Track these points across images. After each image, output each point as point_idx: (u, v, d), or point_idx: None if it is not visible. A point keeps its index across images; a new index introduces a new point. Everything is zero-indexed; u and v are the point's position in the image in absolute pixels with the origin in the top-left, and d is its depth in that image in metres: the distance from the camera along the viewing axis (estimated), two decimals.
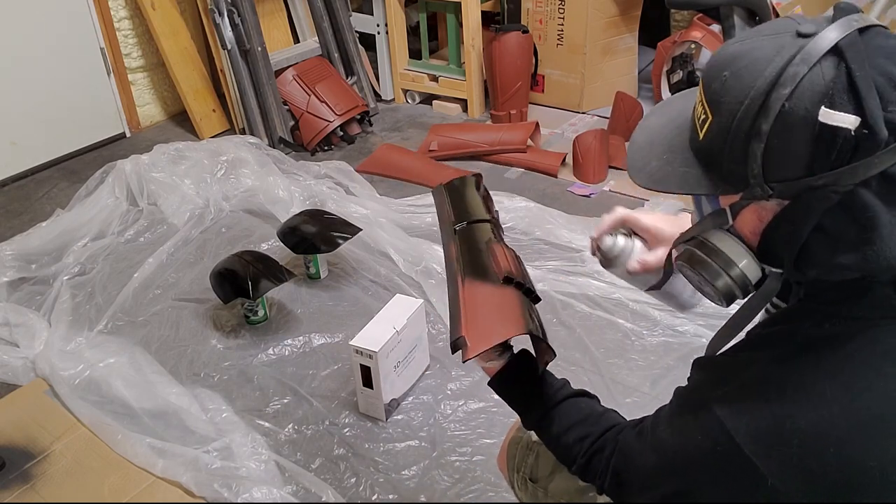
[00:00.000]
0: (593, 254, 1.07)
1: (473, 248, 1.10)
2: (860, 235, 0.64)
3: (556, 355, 0.98)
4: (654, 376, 1.89)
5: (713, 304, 0.79)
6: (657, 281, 0.95)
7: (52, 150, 3.24)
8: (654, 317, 2.10)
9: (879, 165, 0.62)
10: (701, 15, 3.01)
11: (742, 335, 0.80)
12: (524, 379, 1.00)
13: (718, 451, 0.71)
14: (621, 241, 1.02)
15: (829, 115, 0.61)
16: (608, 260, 1.04)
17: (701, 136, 0.71)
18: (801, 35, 0.64)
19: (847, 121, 0.61)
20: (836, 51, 0.62)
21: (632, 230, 1.04)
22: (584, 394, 1.00)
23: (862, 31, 0.63)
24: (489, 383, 1.03)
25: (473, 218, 1.18)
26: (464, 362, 1.01)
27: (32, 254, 2.49)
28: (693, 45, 3.25)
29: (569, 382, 1.01)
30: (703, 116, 0.70)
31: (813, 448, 0.66)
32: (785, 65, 0.63)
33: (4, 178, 3.10)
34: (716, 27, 2.95)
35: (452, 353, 0.96)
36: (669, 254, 0.82)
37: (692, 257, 0.76)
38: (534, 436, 1.17)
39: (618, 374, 1.92)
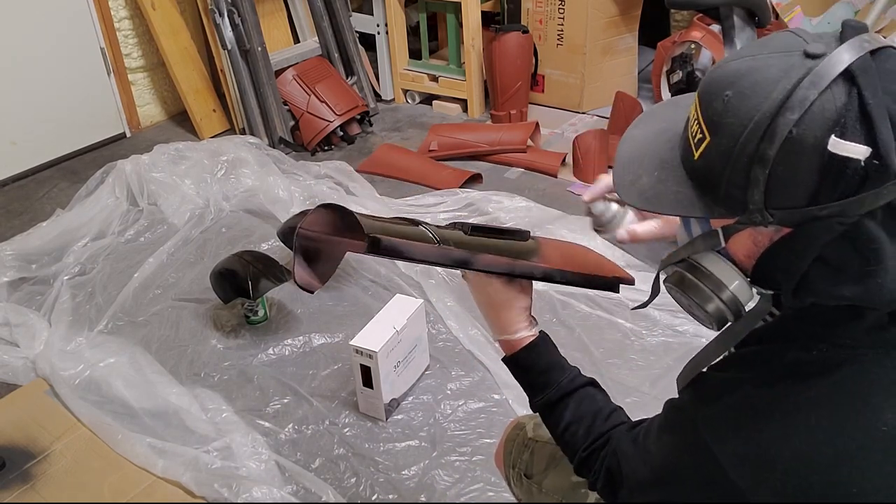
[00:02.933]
0: (587, 215, 1.05)
1: (473, 244, 1.01)
2: (863, 267, 0.62)
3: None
4: (654, 376, 1.89)
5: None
6: (645, 301, 0.93)
7: (52, 150, 3.24)
8: (654, 317, 2.10)
9: (887, 196, 0.60)
10: (701, 15, 3.01)
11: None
12: (541, 361, 0.99)
13: (703, 473, 0.71)
14: (613, 207, 1.01)
15: (839, 146, 0.59)
16: (600, 224, 1.03)
17: (696, 155, 0.68)
18: (809, 55, 0.61)
19: (858, 151, 0.58)
20: (847, 75, 0.59)
21: None
22: (595, 384, 0.99)
23: (873, 52, 0.60)
24: (505, 360, 1.01)
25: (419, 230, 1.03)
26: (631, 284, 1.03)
27: (32, 254, 2.49)
28: (693, 45, 3.25)
29: (581, 371, 1.00)
30: (699, 136, 0.67)
31: (797, 476, 0.65)
32: (793, 88, 0.60)
33: (4, 178, 3.11)
34: (716, 27, 2.94)
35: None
36: (657, 276, 0.81)
37: (682, 281, 0.74)
38: (529, 433, 1.18)
39: (617, 374, 1.92)
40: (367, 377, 1.78)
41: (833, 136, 0.59)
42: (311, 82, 3.29)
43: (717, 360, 0.78)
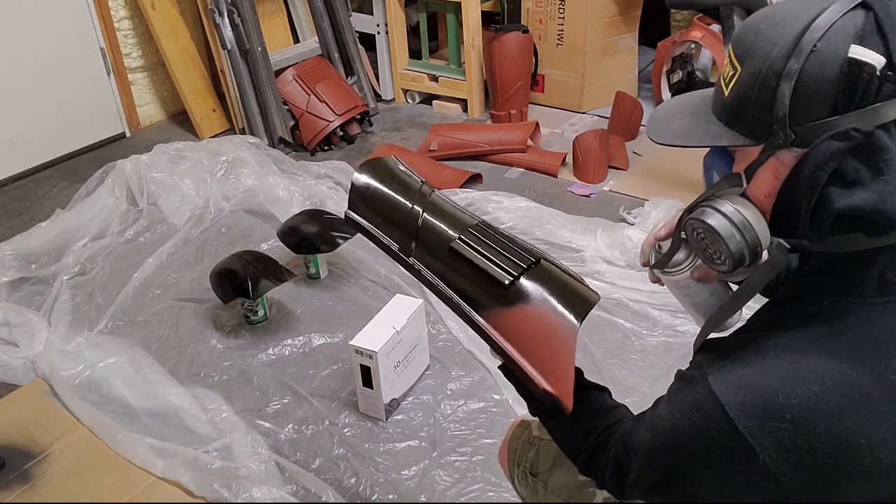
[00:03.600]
0: (647, 261, 0.98)
1: (449, 263, 0.97)
2: (876, 176, 0.66)
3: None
4: (654, 376, 1.89)
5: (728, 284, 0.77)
6: (665, 254, 0.91)
7: (52, 150, 3.24)
8: (654, 317, 2.10)
9: None
10: (701, 15, 3.02)
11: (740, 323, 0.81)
12: None
13: (712, 427, 0.72)
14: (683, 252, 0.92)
15: (858, 51, 0.65)
16: (670, 266, 0.93)
17: (727, 91, 0.74)
18: None
19: (875, 58, 0.64)
20: (864, 5, 0.66)
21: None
22: (596, 387, 1.00)
23: None
24: (500, 367, 1.00)
25: (412, 223, 1.00)
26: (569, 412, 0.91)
27: (32, 254, 2.49)
28: (693, 45, 3.25)
29: (582, 373, 0.99)
30: (730, 73, 0.73)
31: (804, 424, 0.67)
32: (817, 14, 0.67)
33: (4, 178, 3.10)
34: (716, 27, 2.95)
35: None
36: (679, 220, 0.81)
37: (704, 215, 0.75)
38: (535, 431, 1.18)
39: (618, 374, 1.92)
40: (367, 377, 1.78)
41: (853, 45, 0.65)
42: (311, 82, 3.29)
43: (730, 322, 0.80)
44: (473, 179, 2.93)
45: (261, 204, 2.75)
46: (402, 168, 1.07)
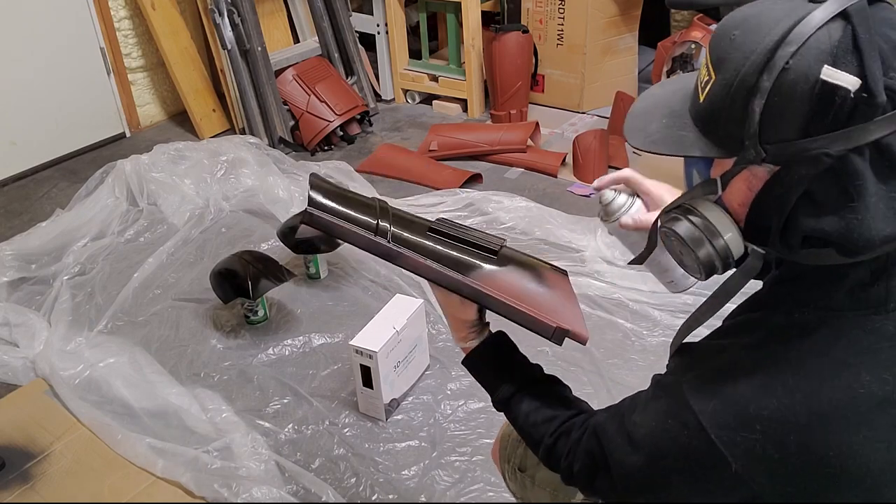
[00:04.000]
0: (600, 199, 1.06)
1: (431, 243, 1.01)
2: (846, 203, 0.64)
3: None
4: None
5: (696, 281, 0.78)
6: (643, 251, 0.94)
7: (52, 150, 3.24)
8: (654, 317, 2.10)
9: (875, 132, 0.62)
10: (701, 15, 3.02)
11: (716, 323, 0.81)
12: (499, 358, 1.02)
13: (685, 436, 0.72)
14: (622, 196, 1.04)
15: (830, 73, 0.62)
16: (606, 213, 1.04)
17: (702, 97, 0.71)
18: (812, 1, 0.66)
19: (848, 81, 0.61)
20: (844, 15, 0.63)
21: (635, 191, 1.06)
22: (556, 381, 1.01)
23: (870, 2, 0.65)
24: (463, 362, 1.05)
25: (382, 214, 1.04)
26: (585, 344, 0.96)
27: (32, 254, 2.49)
28: (693, 45, 3.24)
29: (542, 368, 1.02)
30: (706, 78, 0.71)
31: (774, 435, 0.67)
32: (793, 25, 0.64)
33: (4, 178, 3.10)
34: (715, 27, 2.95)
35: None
36: (655, 223, 0.81)
37: (677, 223, 0.75)
38: None
39: (618, 374, 1.92)
40: (367, 377, 1.78)
41: (826, 66, 0.62)
42: (311, 82, 3.29)
43: (704, 327, 0.81)
44: (473, 179, 2.93)
45: (261, 204, 2.75)
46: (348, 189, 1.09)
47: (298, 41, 3.59)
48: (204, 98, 3.47)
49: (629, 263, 1.00)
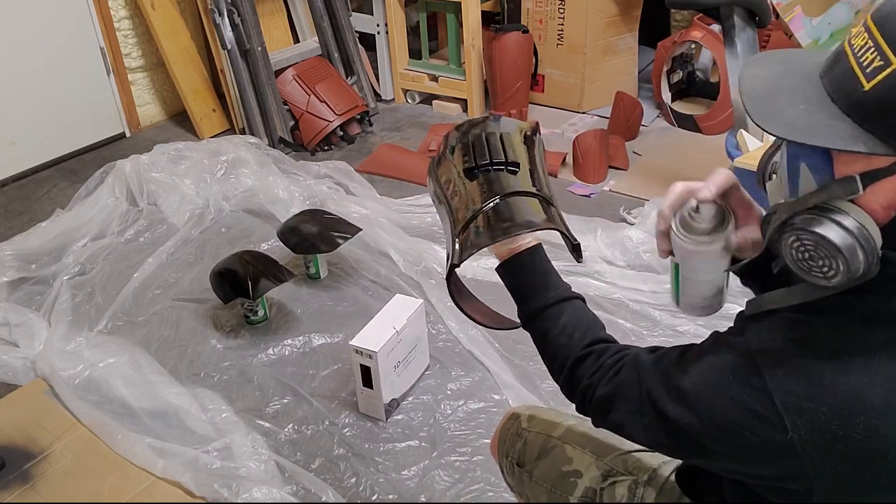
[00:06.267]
0: (666, 228, 0.87)
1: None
2: None
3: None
4: None
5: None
6: (742, 262, 0.83)
7: (52, 150, 3.23)
8: (654, 317, 2.10)
9: None
10: (701, 15, 3.02)
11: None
12: (534, 269, 0.97)
13: (745, 395, 0.70)
14: (716, 208, 0.83)
15: None
16: (694, 228, 0.83)
17: (868, 85, 0.63)
18: None
19: None
20: None
21: (726, 203, 0.86)
22: (584, 300, 0.98)
23: None
24: (497, 268, 0.99)
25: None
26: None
27: (32, 254, 2.49)
28: (693, 45, 3.25)
29: (570, 286, 0.98)
30: (877, 64, 0.62)
31: (844, 412, 0.65)
32: None
33: (4, 178, 3.10)
34: (716, 27, 2.95)
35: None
36: (764, 223, 0.73)
37: (817, 224, 0.66)
38: (524, 423, 1.19)
39: None
40: (367, 377, 1.77)
41: None
42: (310, 82, 3.29)
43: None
44: None
45: (261, 204, 2.75)
46: None
47: (298, 41, 3.59)
48: (204, 98, 3.47)
49: (733, 269, 0.85)
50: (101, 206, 2.71)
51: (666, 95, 3.29)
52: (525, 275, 0.97)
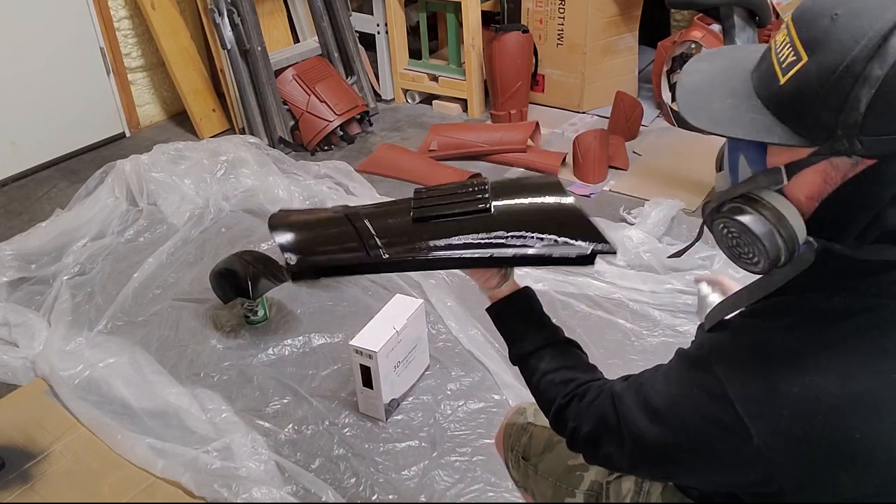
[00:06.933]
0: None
1: (423, 232, 0.96)
2: None
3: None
4: None
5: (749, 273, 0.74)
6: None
7: (52, 150, 3.23)
8: (654, 317, 2.10)
9: None
10: (701, 15, 3.02)
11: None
12: (526, 311, 1.00)
13: (710, 406, 0.71)
14: (716, 296, 1.10)
15: None
16: (701, 308, 1.11)
17: (784, 80, 0.66)
18: None
19: None
20: None
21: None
22: (576, 345, 1.00)
23: None
24: (488, 309, 1.02)
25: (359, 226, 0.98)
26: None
27: (32, 254, 2.49)
28: (693, 45, 3.24)
29: (563, 331, 1.01)
30: (791, 59, 0.66)
31: (802, 413, 0.66)
32: None
33: (4, 178, 3.10)
34: (716, 27, 2.95)
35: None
36: (703, 212, 0.77)
37: (739, 212, 0.70)
38: (529, 417, 1.20)
39: (618, 375, 1.91)
40: (367, 377, 1.77)
41: None
42: (310, 82, 3.29)
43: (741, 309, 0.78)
44: None
45: (261, 204, 2.75)
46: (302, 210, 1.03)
47: (298, 41, 3.59)
48: (204, 98, 3.47)
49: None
50: (100, 206, 2.71)
51: (666, 95, 3.29)
52: (505, 323, 1.01)
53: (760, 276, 0.74)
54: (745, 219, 0.69)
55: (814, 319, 0.70)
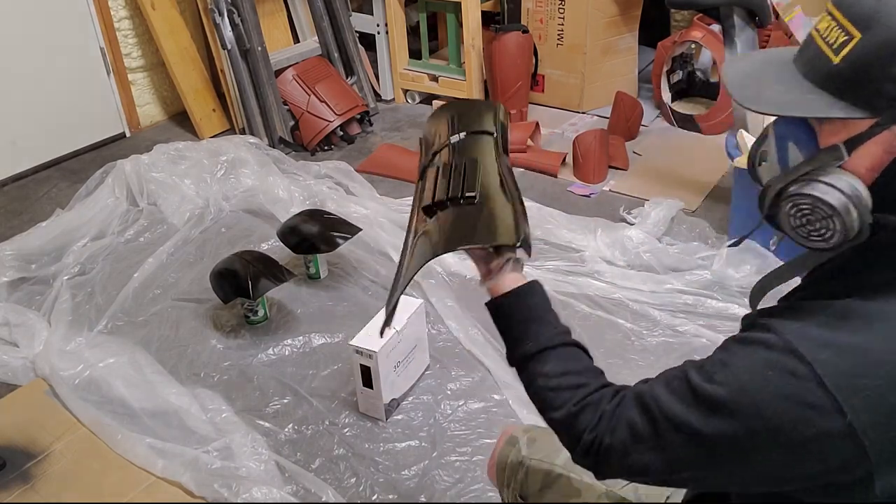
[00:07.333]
0: None
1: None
2: None
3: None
4: None
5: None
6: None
7: (52, 150, 3.23)
8: (654, 317, 2.10)
9: None
10: (701, 15, 3.01)
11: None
12: (529, 310, 0.92)
13: (792, 385, 0.67)
14: None
15: None
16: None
17: (837, 59, 0.69)
18: None
19: None
20: None
21: None
22: (583, 347, 0.92)
23: None
24: (487, 303, 0.95)
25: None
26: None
27: (32, 254, 2.49)
28: (693, 45, 3.25)
29: (571, 331, 0.93)
30: (842, 39, 0.68)
31: None
32: None
33: (4, 178, 3.10)
34: (716, 27, 2.95)
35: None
36: (762, 195, 0.76)
37: (811, 188, 0.70)
38: (523, 450, 1.16)
39: (618, 375, 1.91)
40: (367, 377, 1.78)
41: None
42: (311, 82, 3.29)
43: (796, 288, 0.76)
44: None
45: (261, 204, 2.75)
46: None
47: (298, 41, 3.59)
48: (204, 98, 3.47)
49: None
50: (101, 206, 2.71)
51: (666, 95, 3.29)
52: (504, 320, 0.93)
53: (806, 252, 0.74)
54: (819, 194, 0.70)
55: (891, 288, 0.69)
